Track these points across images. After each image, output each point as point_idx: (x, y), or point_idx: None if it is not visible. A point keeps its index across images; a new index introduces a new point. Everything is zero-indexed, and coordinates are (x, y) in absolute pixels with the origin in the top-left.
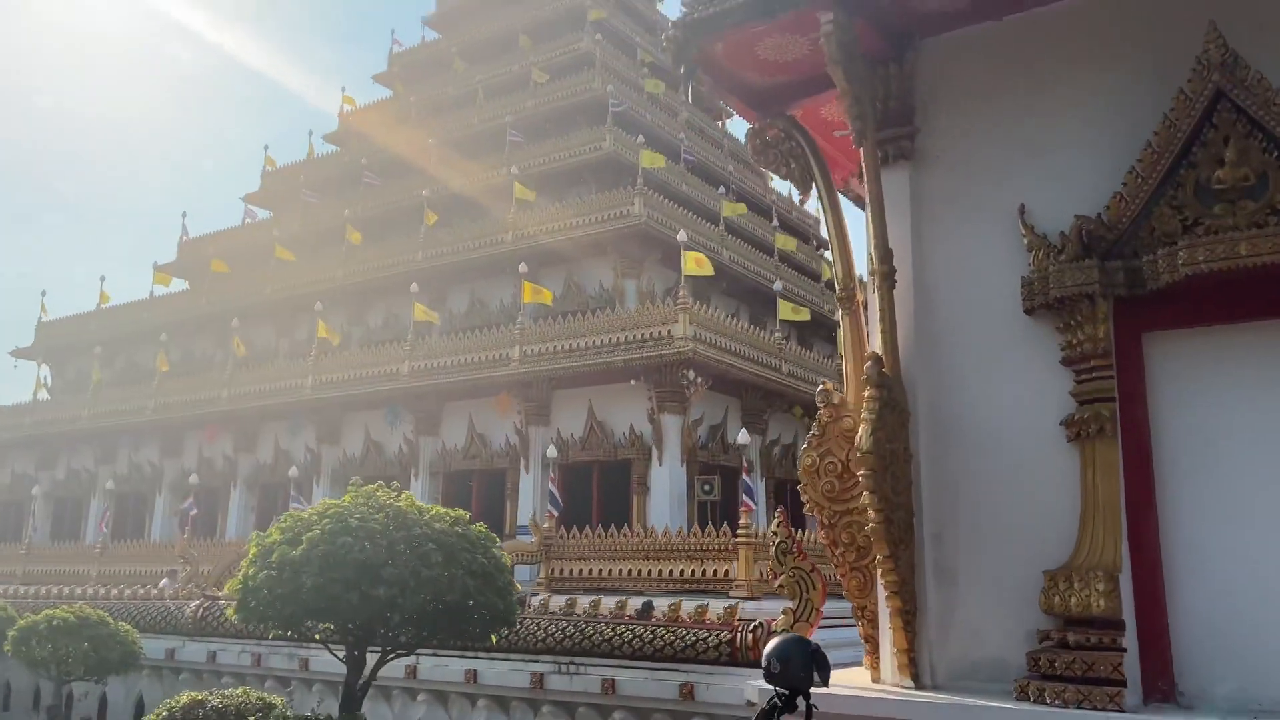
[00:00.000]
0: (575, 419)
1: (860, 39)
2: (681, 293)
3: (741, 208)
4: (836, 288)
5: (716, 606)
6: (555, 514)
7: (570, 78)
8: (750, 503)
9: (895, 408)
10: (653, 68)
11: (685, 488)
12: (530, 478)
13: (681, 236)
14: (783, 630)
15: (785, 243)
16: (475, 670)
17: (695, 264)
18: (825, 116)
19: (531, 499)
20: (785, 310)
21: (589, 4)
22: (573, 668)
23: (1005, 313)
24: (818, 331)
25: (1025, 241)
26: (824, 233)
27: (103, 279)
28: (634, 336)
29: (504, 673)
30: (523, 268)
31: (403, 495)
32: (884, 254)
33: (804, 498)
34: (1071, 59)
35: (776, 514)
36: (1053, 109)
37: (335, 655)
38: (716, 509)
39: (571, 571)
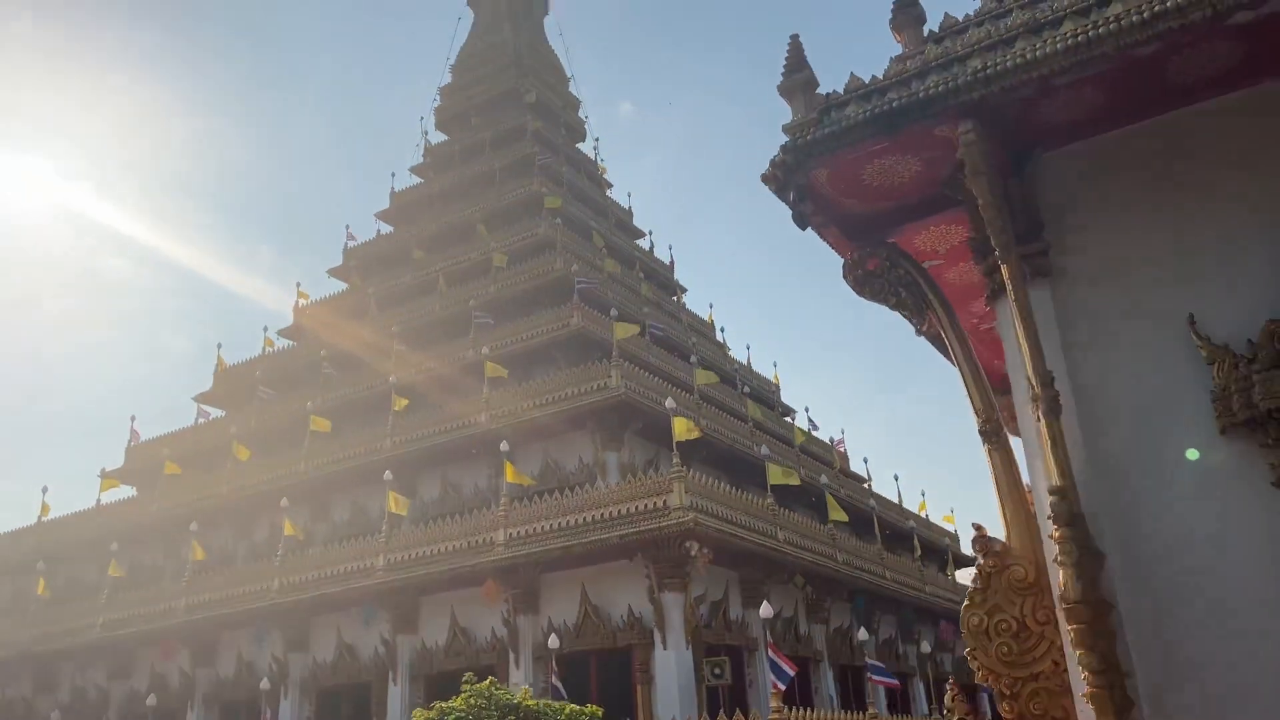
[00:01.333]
0: (568, 605)
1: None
2: (675, 459)
3: (713, 376)
4: (978, 421)
5: None
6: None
7: (531, 261)
8: (779, 683)
9: (1089, 549)
10: (609, 248)
11: (693, 672)
12: (521, 672)
13: (669, 403)
14: None
15: (753, 409)
16: None
17: (685, 430)
18: (919, 245)
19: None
20: (775, 474)
21: (544, 193)
22: None
23: (1192, 432)
24: (800, 498)
25: (1203, 354)
26: (790, 417)
27: (44, 490)
28: (628, 510)
29: None
30: (504, 445)
31: (520, 690)
32: (1045, 378)
33: (973, 664)
34: (1223, 159)
35: (949, 687)
36: (1213, 212)
37: None
38: (727, 693)
39: None
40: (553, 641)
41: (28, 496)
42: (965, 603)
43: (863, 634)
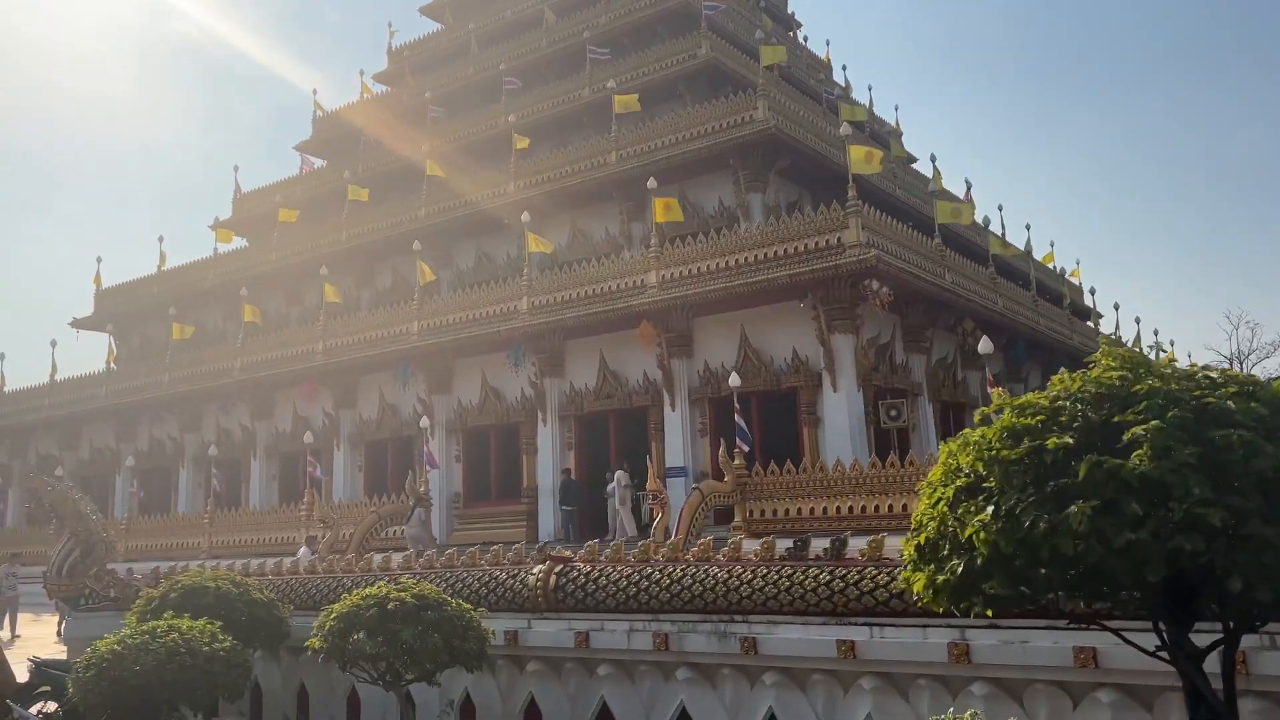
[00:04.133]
0: (725, 348)
1: None
2: (851, 192)
3: (860, 112)
4: None
5: None
6: (746, 449)
7: None
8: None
9: None
10: None
11: (863, 414)
12: (677, 415)
13: (844, 130)
14: None
15: (896, 150)
16: None
17: (863, 160)
18: None
19: (680, 437)
20: (944, 212)
21: None
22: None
23: None
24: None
25: None
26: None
27: (161, 239)
28: (791, 250)
29: None
30: (651, 183)
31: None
32: None
33: None
34: None
35: None
36: None
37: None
38: (903, 437)
39: (770, 512)
40: (734, 380)
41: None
42: None
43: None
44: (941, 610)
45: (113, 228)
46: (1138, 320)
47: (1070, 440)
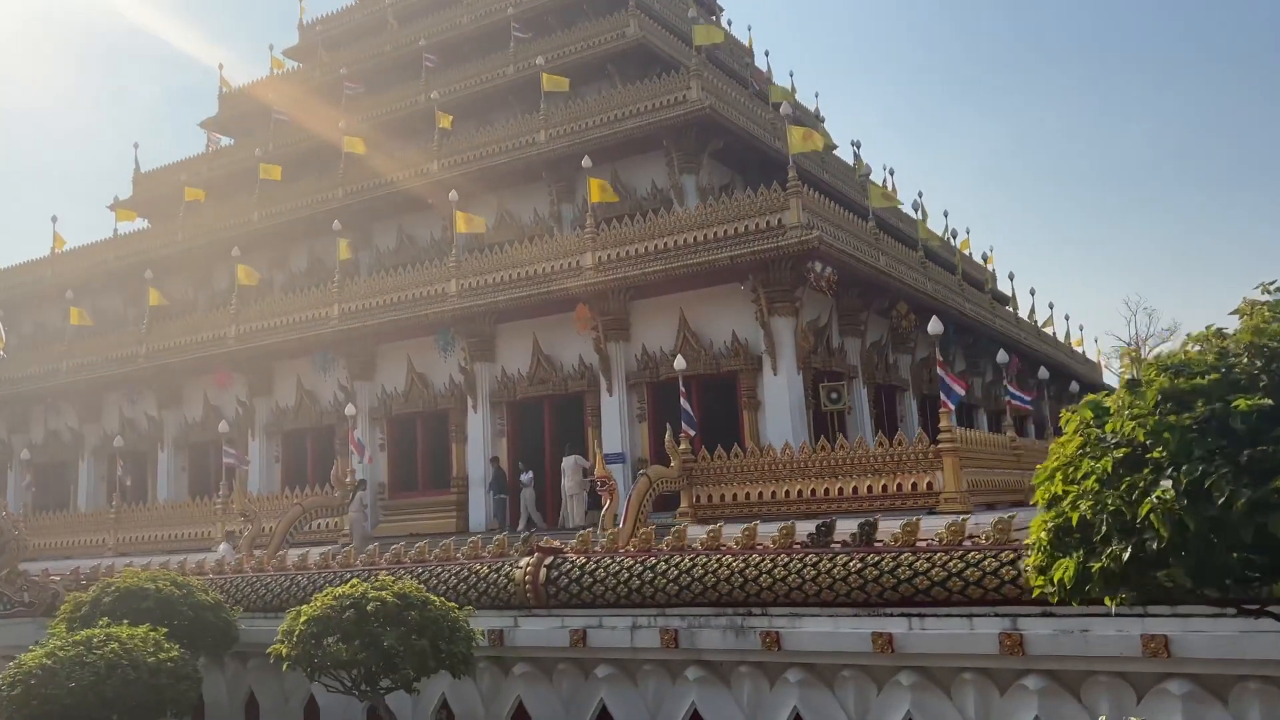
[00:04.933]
0: (661, 332)
1: None
2: (792, 174)
3: (792, 94)
4: None
5: (928, 525)
6: (692, 433)
7: None
8: (949, 402)
9: None
10: None
11: (803, 397)
12: (615, 400)
13: (785, 109)
14: None
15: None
16: None
17: (802, 140)
18: None
19: (618, 423)
20: (877, 197)
21: None
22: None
23: None
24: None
25: None
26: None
27: (54, 219)
28: (728, 231)
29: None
30: (585, 162)
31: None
32: None
33: None
34: None
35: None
36: None
37: None
38: (840, 420)
39: (717, 497)
40: (679, 363)
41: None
42: None
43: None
44: (1076, 602)
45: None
46: (1051, 305)
47: (1270, 402)
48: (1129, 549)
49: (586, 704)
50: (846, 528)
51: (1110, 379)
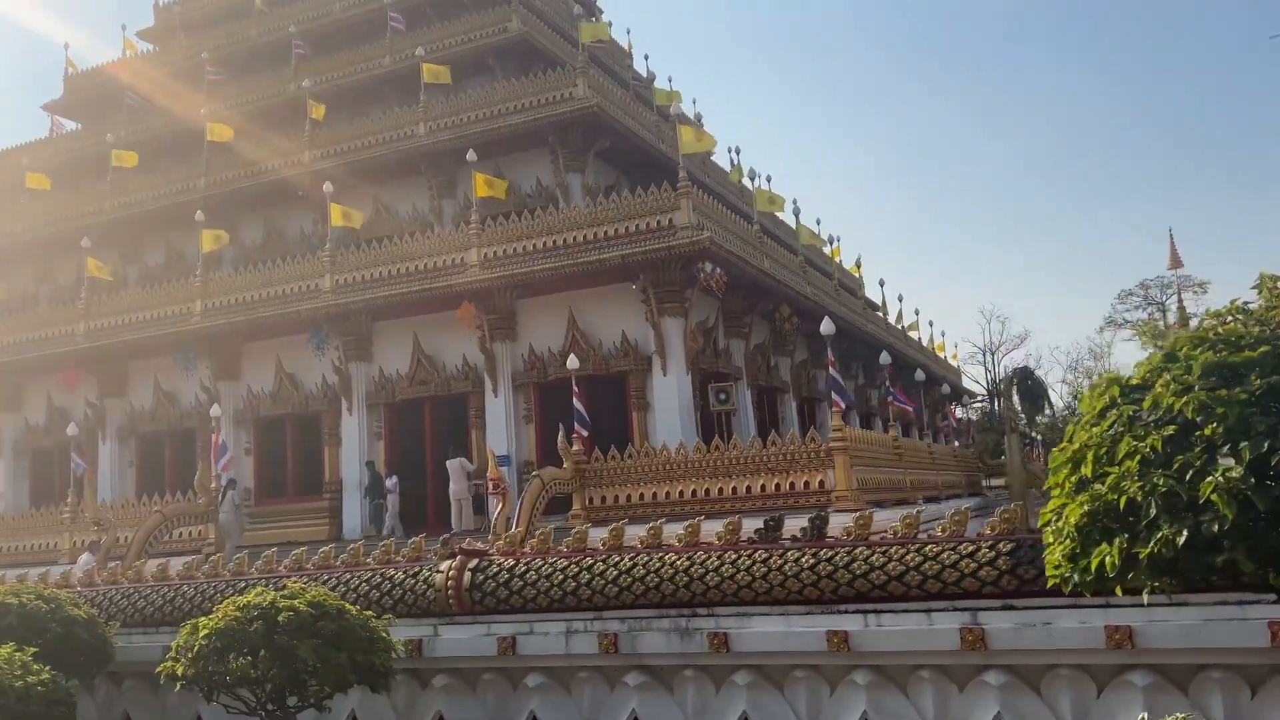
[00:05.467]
0: (549, 331)
1: None
2: (682, 174)
3: (677, 97)
4: None
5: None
6: (585, 434)
7: None
8: (841, 402)
9: None
10: None
11: (692, 398)
12: (500, 401)
13: (675, 108)
14: None
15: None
16: None
17: (693, 140)
18: None
19: (504, 425)
20: (762, 201)
21: None
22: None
23: None
24: None
25: None
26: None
27: None
28: (628, 229)
29: None
30: (470, 156)
31: None
32: None
33: None
34: None
35: None
36: None
37: None
38: (727, 421)
39: (611, 499)
40: (572, 362)
41: None
42: None
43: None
44: (1119, 590)
45: None
46: (917, 312)
47: None
48: (1183, 532)
49: (515, 715)
50: (753, 525)
51: (969, 384)
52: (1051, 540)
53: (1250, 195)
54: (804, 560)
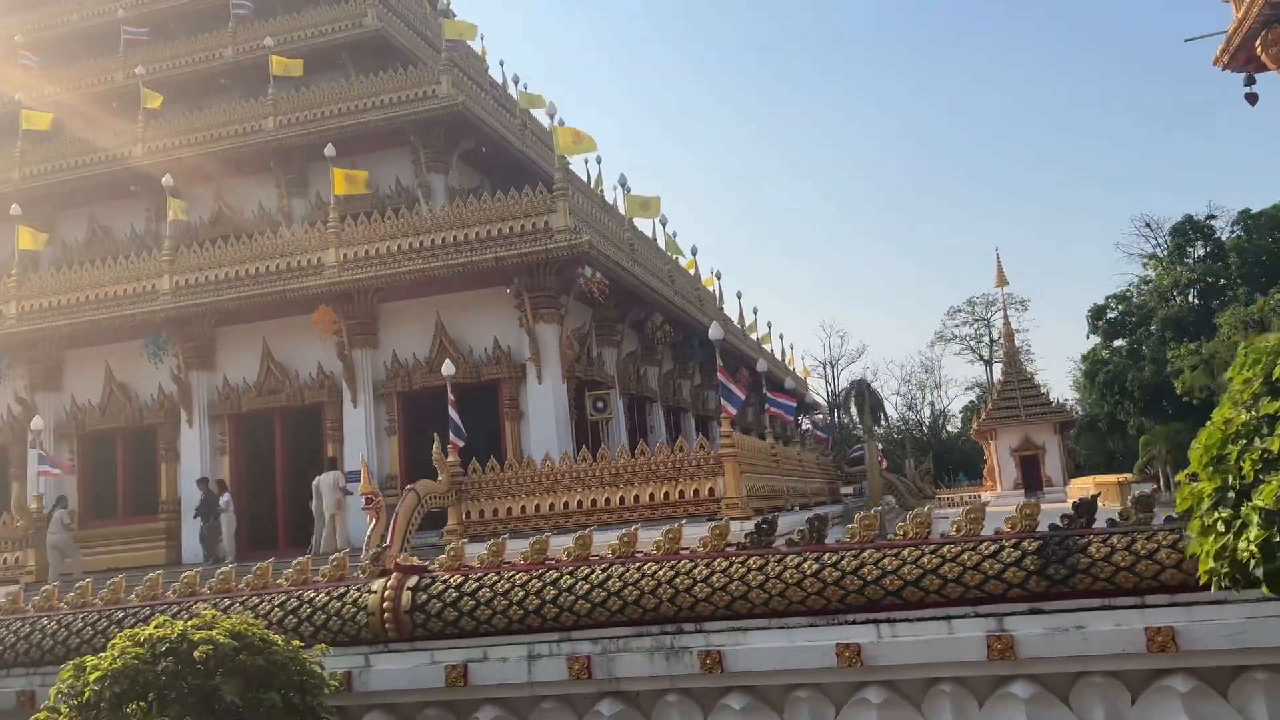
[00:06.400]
0: (414, 338)
1: None
2: (558, 175)
3: (541, 101)
4: None
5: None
6: (461, 444)
7: None
8: (730, 408)
9: None
10: None
11: (567, 407)
12: (360, 411)
13: (551, 108)
14: None
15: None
16: None
17: (572, 142)
18: None
19: (364, 437)
20: (634, 208)
21: None
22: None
23: None
24: None
25: None
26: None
27: None
28: (501, 231)
29: None
30: (329, 150)
31: None
32: None
33: None
34: None
35: None
36: None
37: None
38: (604, 430)
39: (489, 512)
40: (447, 369)
41: None
42: None
43: (692, 376)
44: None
45: None
46: (770, 324)
47: None
48: None
49: None
50: (649, 537)
51: (812, 396)
52: (1199, 532)
53: (1067, 215)
54: (807, 566)
